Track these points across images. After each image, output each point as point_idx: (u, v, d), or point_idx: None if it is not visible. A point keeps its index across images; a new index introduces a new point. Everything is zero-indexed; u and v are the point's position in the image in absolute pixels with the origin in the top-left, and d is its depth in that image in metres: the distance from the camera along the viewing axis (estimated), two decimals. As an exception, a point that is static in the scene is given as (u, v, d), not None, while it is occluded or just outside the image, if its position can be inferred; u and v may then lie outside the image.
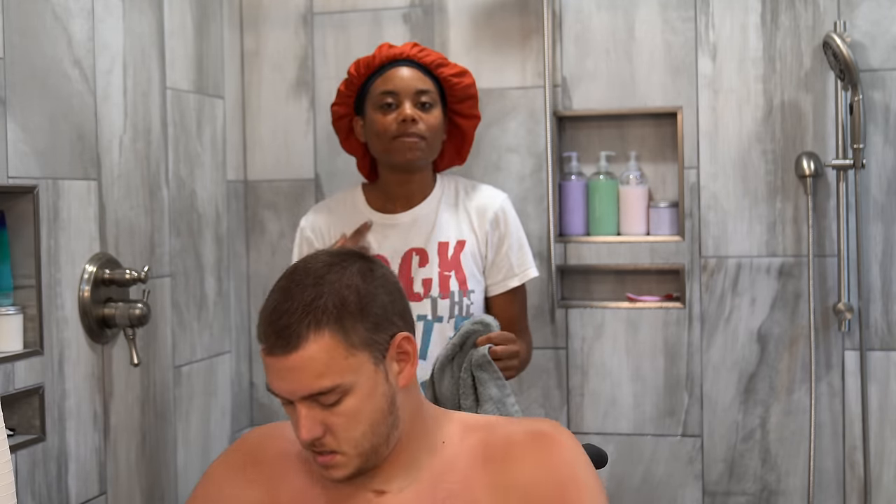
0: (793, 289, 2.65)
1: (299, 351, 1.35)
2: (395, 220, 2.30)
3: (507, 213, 2.33)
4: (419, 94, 2.22)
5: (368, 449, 1.40)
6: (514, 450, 1.44)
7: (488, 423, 1.51)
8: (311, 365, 1.34)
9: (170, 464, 2.54)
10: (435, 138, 2.25)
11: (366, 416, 1.39)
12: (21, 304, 2.03)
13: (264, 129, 2.95)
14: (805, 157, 2.61)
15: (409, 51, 2.26)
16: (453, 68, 2.29)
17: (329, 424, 1.38)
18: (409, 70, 2.25)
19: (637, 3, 2.72)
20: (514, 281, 2.31)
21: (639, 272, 2.78)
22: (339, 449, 1.39)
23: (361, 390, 1.38)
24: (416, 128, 2.21)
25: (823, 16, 2.60)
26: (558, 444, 1.44)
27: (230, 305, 2.86)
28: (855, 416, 2.62)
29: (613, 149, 2.80)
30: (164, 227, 2.52)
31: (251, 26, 2.95)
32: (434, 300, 2.26)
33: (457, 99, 2.29)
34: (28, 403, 2.04)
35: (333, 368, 1.35)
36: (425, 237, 2.27)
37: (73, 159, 2.18)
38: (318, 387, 1.35)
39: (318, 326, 1.34)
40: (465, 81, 2.29)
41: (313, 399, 1.37)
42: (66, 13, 2.15)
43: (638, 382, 2.74)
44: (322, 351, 1.34)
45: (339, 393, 1.36)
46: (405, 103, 2.21)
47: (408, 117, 2.19)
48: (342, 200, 2.37)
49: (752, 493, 2.68)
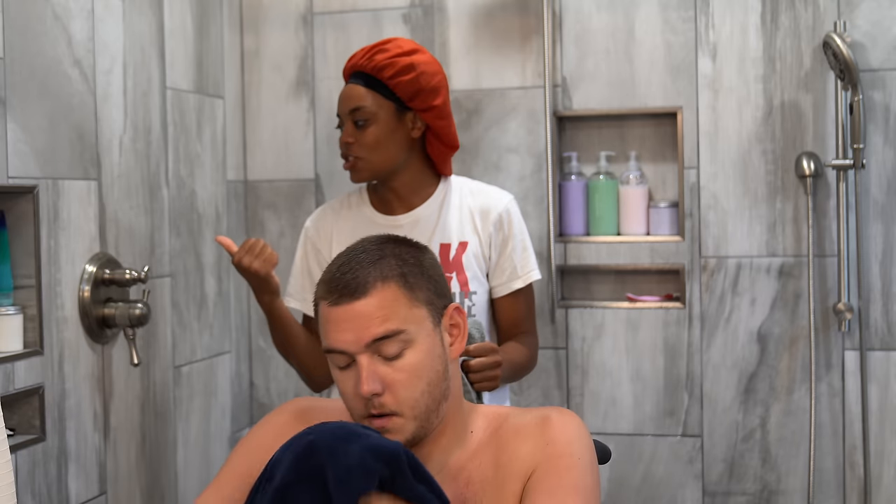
0: (793, 289, 2.65)
1: (367, 297, 1.42)
2: (397, 221, 2.29)
3: (512, 215, 2.30)
4: (353, 113, 2.20)
5: (424, 412, 1.44)
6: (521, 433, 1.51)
7: (506, 413, 1.58)
8: (377, 310, 1.41)
9: (170, 464, 2.54)
10: (374, 154, 2.21)
11: (425, 373, 1.44)
12: (21, 304, 2.03)
13: (264, 129, 2.95)
14: (805, 157, 2.61)
15: (359, 60, 2.22)
16: (393, 67, 2.19)
17: (389, 382, 1.42)
18: (351, 87, 2.22)
19: (637, 3, 2.72)
20: (518, 283, 2.29)
21: (639, 272, 2.78)
22: (397, 409, 1.43)
23: (422, 345, 1.44)
24: (350, 150, 2.21)
25: (823, 16, 2.60)
26: (559, 424, 1.50)
27: (230, 305, 2.86)
28: (855, 416, 2.62)
29: (613, 149, 2.80)
30: (164, 227, 2.52)
31: (251, 26, 2.95)
32: None
33: (406, 98, 2.21)
34: (28, 403, 2.04)
35: (398, 314, 1.42)
36: (426, 239, 2.25)
37: (73, 159, 2.18)
38: (383, 330, 1.41)
39: (384, 277, 1.43)
40: (404, 79, 2.19)
41: (375, 351, 1.42)
42: (66, 13, 2.15)
43: (638, 382, 2.74)
44: (388, 297, 1.42)
45: (401, 342, 1.42)
46: (345, 126, 2.22)
47: (341, 141, 2.22)
48: (347, 201, 2.36)
49: (752, 493, 2.68)
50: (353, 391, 1.44)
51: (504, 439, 1.52)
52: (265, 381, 2.97)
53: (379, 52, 2.21)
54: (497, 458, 1.50)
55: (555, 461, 1.46)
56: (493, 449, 1.52)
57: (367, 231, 2.28)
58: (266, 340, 2.96)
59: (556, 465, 1.45)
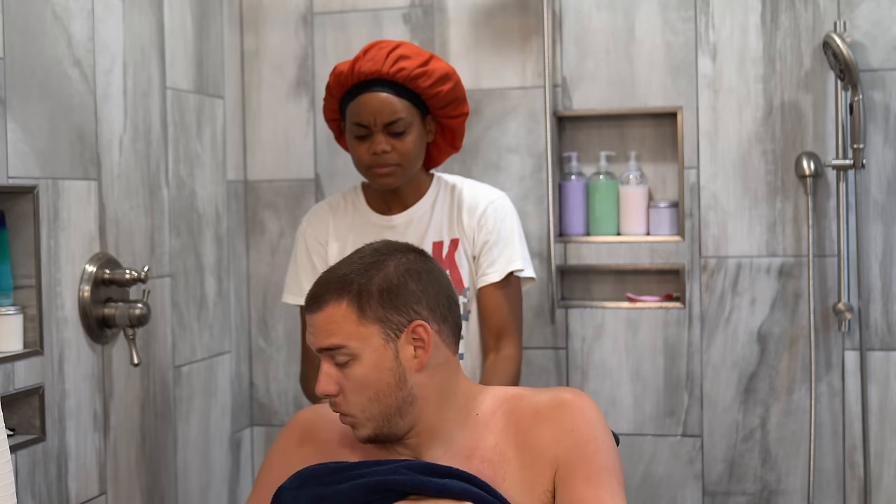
0: (793, 289, 2.65)
1: (320, 311, 1.59)
2: (391, 221, 2.29)
3: (498, 210, 2.29)
4: (390, 125, 2.17)
5: (378, 416, 1.59)
6: (540, 416, 1.62)
7: (517, 394, 1.68)
8: (326, 324, 1.59)
9: (170, 464, 2.54)
10: (411, 161, 2.21)
11: (371, 384, 1.58)
12: (21, 304, 2.03)
13: (264, 129, 2.95)
14: (805, 157, 2.61)
15: (382, 68, 2.17)
16: (430, 77, 2.18)
17: (342, 387, 1.59)
18: (381, 96, 2.17)
19: (637, 3, 2.72)
20: (494, 275, 2.25)
21: (639, 272, 2.78)
22: (347, 411, 1.60)
23: (368, 360, 1.58)
24: (389, 158, 2.18)
25: (823, 16, 2.60)
26: (579, 408, 1.62)
27: (230, 305, 2.86)
28: (855, 416, 2.62)
29: (613, 149, 2.80)
30: (164, 227, 2.52)
31: (251, 26, 2.95)
32: None
33: (438, 106, 2.22)
34: (28, 403, 2.04)
35: (343, 331, 1.58)
36: (419, 238, 2.26)
37: (73, 159, 2.18)
38: (327, 343, 1.58)
39: (339, 296, 1.59)
40: (445, 89, 2.20)
41: (329, 356, 1.59)
42: (66, 13, 2.15)
43: (638, 382, 2.74)
44: (337, 315, 1.58)
45: (346, 355, 1.58)
46: (377, 136, 2.17)
47: (378, 150, 2.17)
48: (342, 200, 2.37)
49: (752, 493, 2.68)
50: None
51: (523, 422, 1.62)
52: (265, 381, 2.97)
53: (401, 59, 2.17)
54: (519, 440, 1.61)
55: (582, 448, 1.58)
56: (513, 431, 1.62)
57: (364, 229, 2.31)
58: (266, 340, 2.96)
59: (584, 452, 1.58)
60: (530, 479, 1.59)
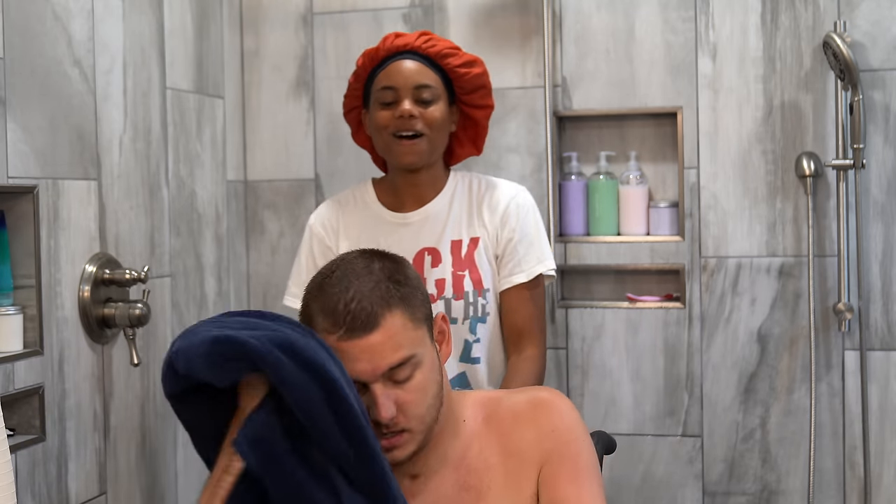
0: (793, 289, 2.65)
1: (378, 329, 1.46)
2: (406, 218, 2.23)
3: (521, 207, 2.23)
4: (419, 90, 2.13)
5: (429, 424, 1.52)
6: (519, 418, 1.60)
7: (495, 397, 1.66)
8: (389, 340, 1.46)
9: (170, 464, 2.54)
10: (436, 134, 2.16)
11: (430, 389, 1.51)
12: (21, 304, 2.03)
13: (264, 129, 2.95)
14: (805, 157, 2.61)
15: (415, 41, 2.16)
16: (461, 58, 2.18)
17: (401, 403, 1.48)
18: (411, 63, 2.15)
19: (637, 3, 2.72)
20: (521, 276, 2.19)
21: (639, 272, 2.78)
22: (408, 426, 1.50)
23: (427, 363, 1.51)
24: (414, 124, 2.12)
25: (823, 16, 2.60)
26: (557, 408, 1.60)
27: (230, 305, 2.86)
28: (855, 416, 2.62)
29: (613, 149, 2.80)
30: (164, 227, 2.52)
31: (251, 26, 2.95)
32: (448, 301, 2.17)
33: (465, 90, 2.19)
34: (28, 403, 2.04)
35: (407, 340, 1.48)
36: (437, 236, 2.20)
37: (73, 159, 2.18)
38: (397, 358, 1.47)
39: (389, 306, 1.48)
40: (474, 71, 2.19)
41: (388, 377, 1.48)
42: (66, 13, 2.15)
43: (638, 382, 2.74)
44: (397, 326, 1.47)
45: (412, 366, 1.49)
46: (404, 99, 2.13)
47: (405, 113, 2.11)
48: (352, 196, 2.30)
49: (752, 493, 2.68)
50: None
51: (504, 425, 1.60)
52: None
53: (432, 38, 2.17)
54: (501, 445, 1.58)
55: (564, 448, 1.57)
56: (495, 436, 1.60)
57: (375, 227, 2.24)
58: (266, 340, 2.95)
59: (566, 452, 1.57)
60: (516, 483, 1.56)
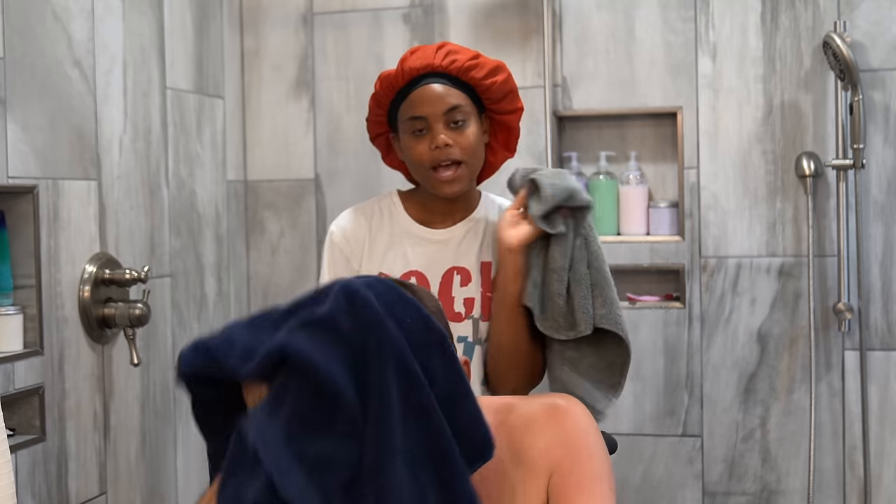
0: (793, 289, 2.65)
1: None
2: (438, 235, 2.13)
3: None
4: (450, 113, 2.04)
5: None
6: (532, 424, 1.58)
7: (509, 403, 1.63)
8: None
9: (170, 464, 2.54)
10: (474, 158, 2.08)
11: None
12: (21, 304, 2.03)
13: (264, 129, 2.95)
14: (805, 157, 2.61)
15: (434, 60, 2.07)
16: (483, 69, 2.09)
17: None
18: (437, 86, 2.06)
19: (637, 3, 2.72)
20: None
21: (639, 272, 2.78)
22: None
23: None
24: (450, 154, 2.03)
25: (823, 16, 2.61)
26: (572, 415, 1.58)
27: (230, 305, 2.86)
28: (855, 416, 2.62)
29: (613, 149, 2.80)
30: (164, 227, 2.52)
31: (251, 26, 2.95)
32: (476, 321, 2.10)
33: (494, 100, 2.11)
34: (28, 403, 2.04)
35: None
36: (468, 256, 2.12)
37: (73, 159, 2.18)
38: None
39: None
40: (499, 80, 2.10)
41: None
42: (66, 13, 2.15)
43: (638, 382, 2.74)
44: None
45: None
46: (436, 127, 2.04)
47: (440, 143, 2.02)
48: (377, 208, 2.18)
49: (752, 493, 2.68)
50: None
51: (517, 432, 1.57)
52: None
53: (451, 53, 2.09)
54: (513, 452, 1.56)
55: (575, 455, 1.54)
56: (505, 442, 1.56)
57: (404, 243, 2.12)
58: (266, 340, 2.96)
59: (577, 458, 1.54)
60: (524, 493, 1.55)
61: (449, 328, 1.53)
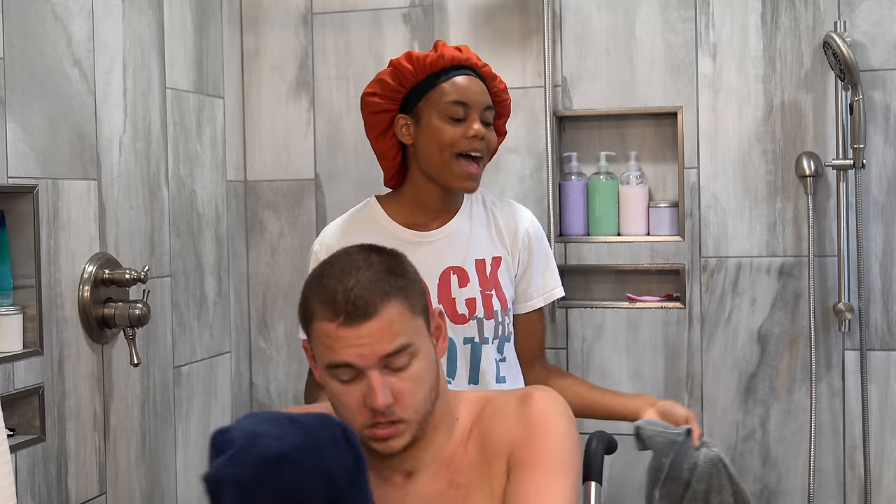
0: (793, 289, 2.65)
1: (377, 316, 1.47)
2: (429, 237, 2.12)
3: (535, 230, 2.21)
4: (487, 111, 2.08)
5: (424, 415, 1.52)
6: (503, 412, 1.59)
7: (489, 396, 1.65)
8: (387, 328, 1.47)
9: (170, 464, 2.54)
10: (489, 158, 2.13)
11: (426, 380, 1.51)
12: (21, 304, 2.03)
13: (264, 129, 2.95)
14: (805, 157, 2.61)
15: (472, 58, 2.11)
16: (501, 82, 2.15)
17: (397, 391, 1.49)
18: (477, 81, 2.10)
19: (637, 3, 2.72)
20: (539, 301, 2.19)
21: (639, 272, 2.78)
22: (404, 415, 1.50)
23: (423, 353, 1.51)
24: (481, 146, 2.06)
25: (823, 16, 2.60)
26: (536, 398, 1.59)
27: (230, 305, 2.86)
28: (855, 416, 2.62)
29: (613, 149, 2.80)
30: (164, 227, 2.52)
31: (251, 26, 2.95)
32: (480, 321, 2.11)
33: (501, 115, 2.16)
34: (28, 403, 2.04)
35: (405, 329, 1.49)
36: (462, 255, 2.12)
37: (73, 159, 2.18)
38: (395, 345, 1.48)
39: (387, 295, 1.49)
40: (508, 98, 2.18)
41: (385, 365, 1.48)
42: (66, 13, 2.15)
43: (638, 382, 2.74)
44: (395, 314, 1.48)
45: (409, 354, 1.49)
46: (473, 117, 2.06)
47: (478, 134, 2.05)
48: (357, 218, 2.17)
49: (752, 493, 2.68)
50: (358, 404, 1.50)
51: (487, 422, 1.59)
52: (265, 381, 2.97)
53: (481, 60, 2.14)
54: (482, 441, 1.57)
55: (532, 432, 1.55)
56: (478, 433, 1.58)
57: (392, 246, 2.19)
58: (266, 340, 2.96)
59: (534, 436, 1.54)
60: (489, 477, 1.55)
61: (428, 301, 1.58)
